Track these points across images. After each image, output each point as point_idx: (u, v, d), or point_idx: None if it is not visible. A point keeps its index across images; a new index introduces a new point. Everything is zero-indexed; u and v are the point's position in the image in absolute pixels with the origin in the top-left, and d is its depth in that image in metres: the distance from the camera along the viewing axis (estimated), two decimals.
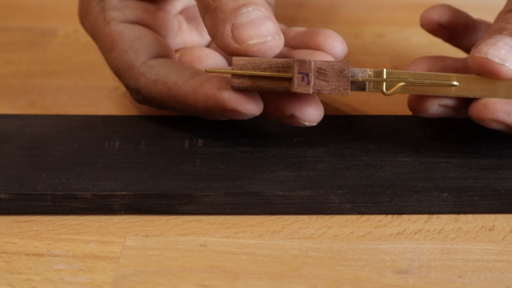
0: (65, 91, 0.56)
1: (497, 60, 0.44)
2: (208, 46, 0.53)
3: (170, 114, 0.52)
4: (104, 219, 0.44)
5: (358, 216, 0.45)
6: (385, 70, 0.45)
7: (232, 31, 0.45)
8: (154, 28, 0.51)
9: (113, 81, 0.55)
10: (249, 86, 0.45)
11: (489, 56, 0.44)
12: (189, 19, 0.53)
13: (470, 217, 0.45)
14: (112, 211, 0.45)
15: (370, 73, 0.45)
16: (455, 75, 0.45)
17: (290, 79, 0.44)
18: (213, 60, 0.50)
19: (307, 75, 0.44)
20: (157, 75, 0.48)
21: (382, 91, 0.45)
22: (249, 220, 0.44)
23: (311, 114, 0.46)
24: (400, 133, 0.49)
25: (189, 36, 0.52)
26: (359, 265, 0.41)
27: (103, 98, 0.54)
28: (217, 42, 0.45)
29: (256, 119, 0.50)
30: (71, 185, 0.45)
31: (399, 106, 0.54)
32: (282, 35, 0.45)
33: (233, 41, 0.45)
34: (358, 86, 0.45)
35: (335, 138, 0.49)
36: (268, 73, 0.45)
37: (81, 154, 0.47)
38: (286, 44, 0.49)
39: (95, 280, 0.40)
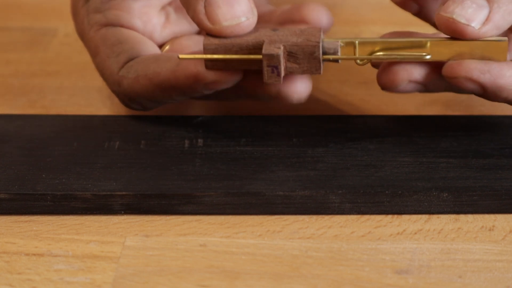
0: (65, 91, 0.56)
1: (462, 21, 0.43)
2: (198, 33, 0.53)
3: (170, 114, 0.52)
4: (104, 219, 0.44)
5: (358, 216, 0.45)
6: (357, 41, 0.45)
7: (205, 7, 0.45)
8: (138, 27, 0.50)
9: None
10: (223, 67, 0.45)
11: (454, 16, 0.43)
12: (178, 8, 0.52)
13: (470, 217, 0.45)
14: (112, 211, 0.45)
15: (341, 44, 0.45)
16: (428, 39, 0.45)
17: (261, 61, 0.44)
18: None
19: (277, 67, 0.44)
20: (136, 72, 0.48)
21: (355, 62, 0.45)
22: (249, 220, 0.44)
23: (298, 90, 0.45)
24: (400, 133, 0.49)
25: (177, 26, 0.52)
26: (359, 265, 0.41)
27: (103, 98, 0.54)
28: (190, 16, 0.45)
29: (256, 119, 0.50)
30: (71, 185, 0.45)
31: (399, 106, 0.54)
32: (255, 12, 0.45)
33: (206, 20, 0.44)
34: (331, 60, 0.45)
35: (335, 138, 0.49)
36: (239, 56, 0.45)
37: (81, 154, 0.47)
38: (274, 22, 0.49)
39: (95, 280, 0.40)
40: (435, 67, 0.45)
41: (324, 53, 0.45)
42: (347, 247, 0.43)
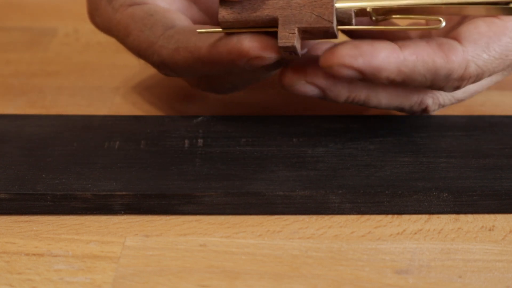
0: (65, 91, 0.56)
1: None
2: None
3: (170, 114, 0.52)
4: (104, 219, 0.44)
5: (358, 216, 0.45)
6: (369, 6, 0.45)
7: None
8: (165, 3, 0.51)
9: (113, 81, 0.55)
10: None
11: None
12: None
13: (470, 217, 0.45)
14: (112, 211, 0.45)
15: (355, 11, 0.44)
16: (441, 3, 0.44)
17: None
18: None
19: (294, 52, 0.44)
20: (177, 43, 0.48)
21: (370, 19, 0.45)
22: (249, 220, 0.44)
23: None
24: (400, 133, 0.49)
25: (194, 15, 0.52)
26: (359, 265, 0.41)
27: (103, 98, 0.55)
28: None
29: (256, 119, 0.50)
30: (71, 185, 0.45)
31: None
32: None
33: None
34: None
35: (335, 138, 0.49)
36: (255, 30, 0.45)
37: (81, 154, 0.47)
38: None
39: (95, 280, 0.40)
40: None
41: (338, 21, 0.45)
42: (347, 247, 0.43)
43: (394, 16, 0.45)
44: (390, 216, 0.45)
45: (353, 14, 0.44)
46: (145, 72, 0.58)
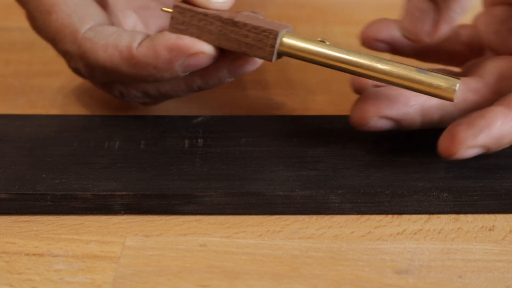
0: (65, 91, 0.56)
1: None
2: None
3: (170, 114, 0.52)
4: (104, 219, 0.44)
5: (358, 216, 0.45)
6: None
7: None
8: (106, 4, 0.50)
9: None
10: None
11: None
12: (139, 8, 0.53)
13: (470, 217, 0.45)
14: (112, 211, 0.45)
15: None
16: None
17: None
18: None
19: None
20: (106, 39, 0.47)
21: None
22: (249, 220, 0.44)
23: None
24: (400, 133, 0.49)
25: (132, 24, 0.52)
26: (359, 265, 0.41)
27: (103, 98, 0.54)
28: None
29: (256, 119, 0.50)
30: (71, 185, 0.45)
31: None
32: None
33: None
34: None
35: (335, 138, 0.49)
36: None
37: (81, 154, 0.47)
38: None
39: (95, 280, 0.40)
40: (404, 102, 0.46)
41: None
42: (347, 247, 0.43)
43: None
44: (390, 216, 0.45)
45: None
46: None
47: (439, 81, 0.43)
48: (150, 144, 0.48)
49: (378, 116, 0.46)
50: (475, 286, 0.40)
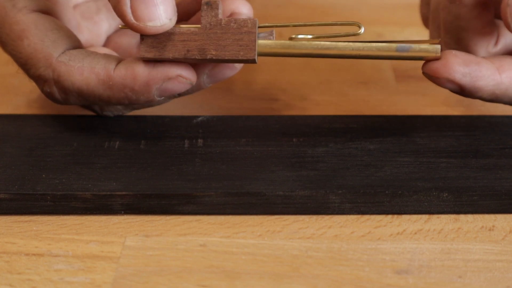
0: None
1: None
2: (104, 45, 0.53)
3: (170, 114, 0.52)
4: (104, 219, 0.44)
5: (358, 216, 0.45)
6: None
7: (131, 6, 0.44)
8: (63, 22, 0.49)
9: None
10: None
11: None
12: (84, 17, 0.52)
13: (470, 217, 0.45)
14: (112, 211, 0.45)
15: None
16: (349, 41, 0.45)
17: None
18: None
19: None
20: (82, 62, 0.47)
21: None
22: (249, 220, 0.44)
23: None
24: (400, 133, 0.49)
25: (87, 34, 0.52)
26: (359, 265, 0.41)
27: None
28: (113, 6, 0.45)
29: (256, 119, 0.50)
30: (71, 185, 0.45)
31: (399, 106, 0.54)
32: (176, 16, 0.45)
33: (131, 14, 0.44)
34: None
35: (335, 138, 0.49)
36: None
37: (81, 154, 0.47)
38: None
39: (95, 280, 0.40)
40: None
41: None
42: (347, 247, 0.43)
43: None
44: (390, 216, 0.45)
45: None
46: None
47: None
48: (150, 144, 0.48)
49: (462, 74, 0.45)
50: (475, 286, 0.40)
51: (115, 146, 0.48)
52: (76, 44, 0.48)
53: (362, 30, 0.45)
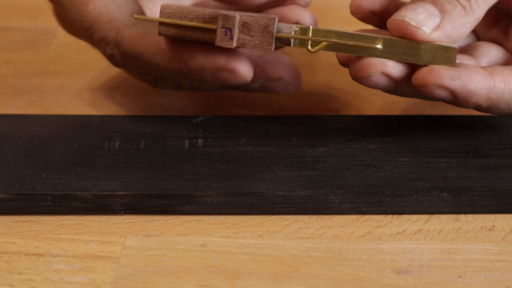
0: (65, 91, 0.56)
1: (413, 23, 0.44)
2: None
3: (170, 114, 0.52)
4: (104, 219, 0.44)
5: (358, 216, 0.45)
6: (311, 27, 0.45)
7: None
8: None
9: (112, 81, 0.55)
10: (176, 35, 0.45)
11: (406, 19, 0.44)
12: None
13: (470, 217, 0.45)
14: (112, 211, 0.45)
15: (296, 29, 0.45)
16: (381, 37, 0.45)
17: (215, 31, 0.44)
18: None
19: (230, 30, 0.44)
20: (146, 28, 0.47)
21: (307, 49, 0.45)
22: (249, 220, 0.44)
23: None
24: (400, 133, 0.49)
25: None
26: (359, 265, 0.41)
27: (103, 98, 0.55)
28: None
29: (256, 119, 0.50)
30: (71, 185, 0.45)
31: (399, 106, 0.54)
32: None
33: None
34: (283, 41, 0.45)
35: (335, 138, 0.49)
36: (194, 24, 0.45)
37: (81, 154, 0.47)
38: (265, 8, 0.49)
39: (95, 280, 0.40)
40: (410, 69, 0.45)
41: (278, 31, 0.45)
42: (347, 247, 0.43)
43: (331, 40, 0.46)
44: (390, 216, 0.45)
45: (293, 30, 0.45)
46: None
47: None
48: (150, 144, 0.48)
49: (381, 71, 0.45)
50: (475, 286, 0.40)
51: (115, 146, 0.48)
52: (140, 10, 0.49)
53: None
